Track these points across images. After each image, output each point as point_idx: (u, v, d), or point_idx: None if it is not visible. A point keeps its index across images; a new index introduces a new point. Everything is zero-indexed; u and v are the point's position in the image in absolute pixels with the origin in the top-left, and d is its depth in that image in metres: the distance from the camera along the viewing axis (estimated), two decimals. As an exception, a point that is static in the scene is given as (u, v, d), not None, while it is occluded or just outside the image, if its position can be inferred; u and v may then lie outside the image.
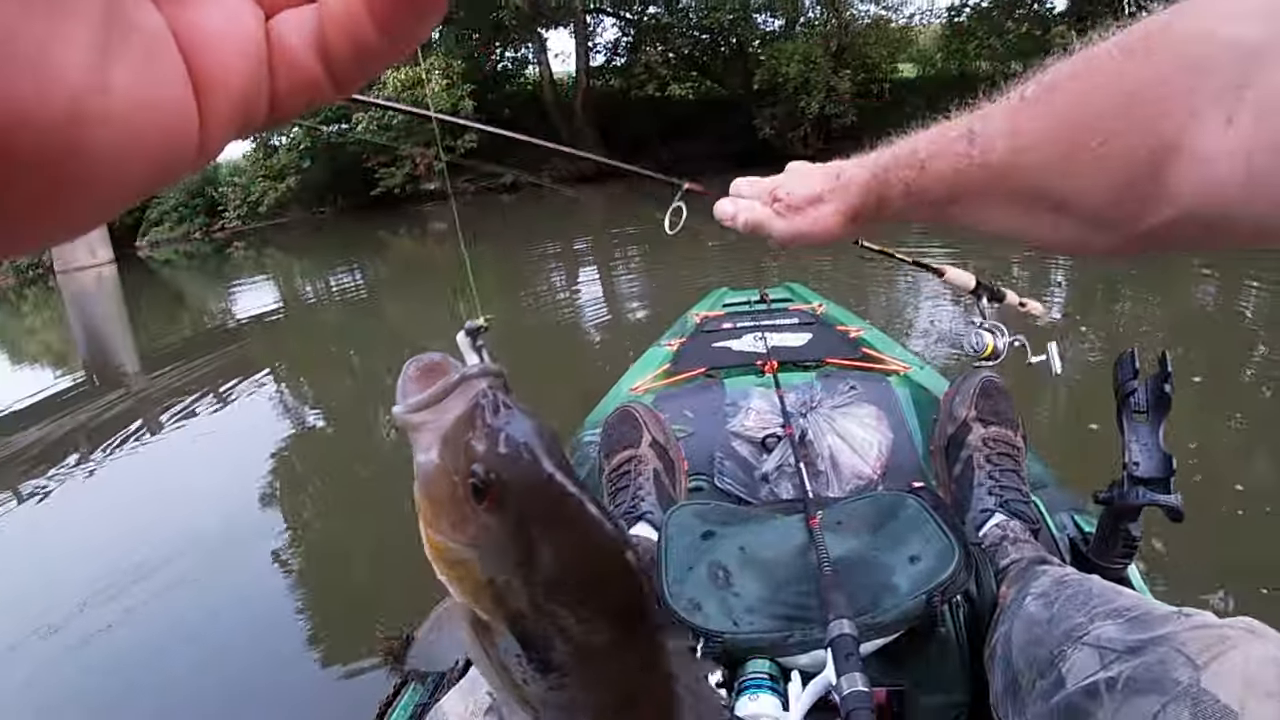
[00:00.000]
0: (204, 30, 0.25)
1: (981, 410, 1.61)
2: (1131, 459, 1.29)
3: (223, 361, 7.93)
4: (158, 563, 3.71)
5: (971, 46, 20.00)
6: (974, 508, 1.51)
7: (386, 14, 0.26)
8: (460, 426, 0.45)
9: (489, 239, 14.60)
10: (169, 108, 0.24)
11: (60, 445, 5.80)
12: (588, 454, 2.03)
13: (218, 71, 0.26)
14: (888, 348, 2.46)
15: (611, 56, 24.22)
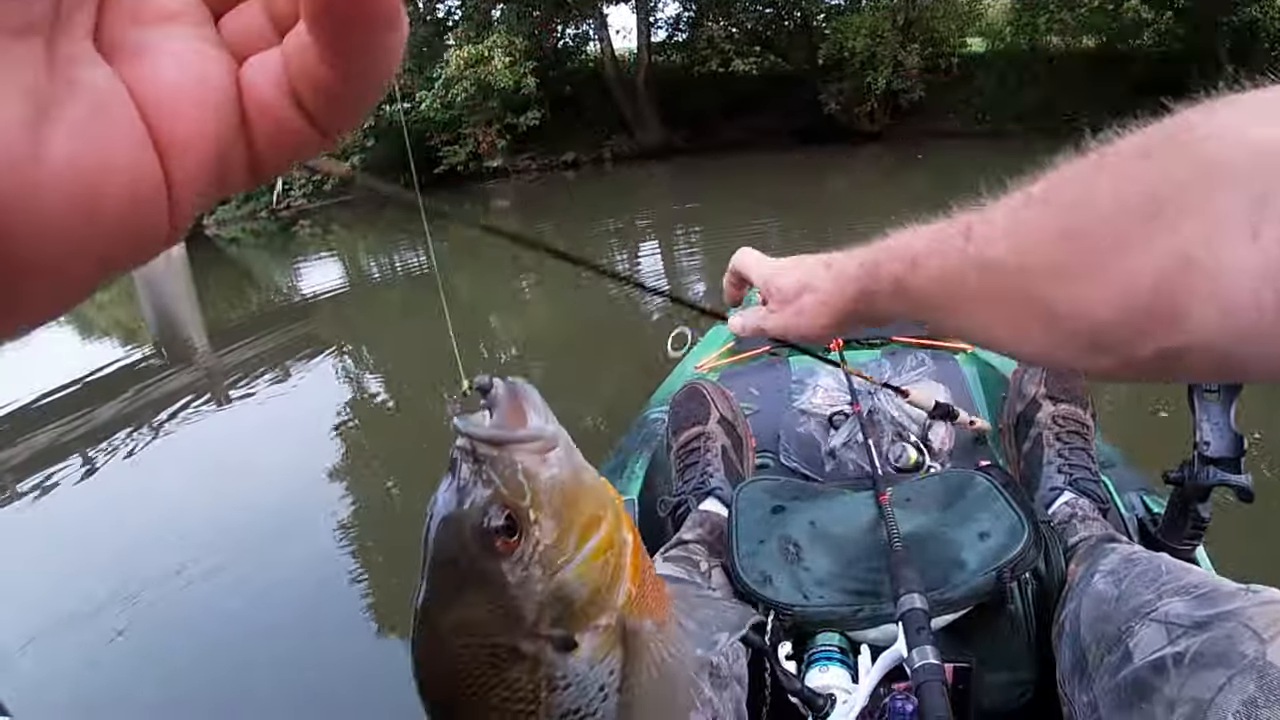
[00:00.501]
0: (164, 84, 0.23)
1: (1051, 388, 1.61)
2: (1203, 438, 1.29)
3: (289, 338, 8.07)
4: (226, 535, 3.82)
5: (1042, 20, 19.48)
6: (1043, 485, 1.51)
7: (332, 52, 0.24)
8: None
9: (552, 215, 14.66)
10: (125, 173, 0.22)
11: (133, 418, 5.94)
12: (655, 430, 2.06)
13: (183, 129, 0.23)
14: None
15: (673, 32, 24.03)
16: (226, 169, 0.25)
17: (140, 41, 0.23)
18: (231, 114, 0.25)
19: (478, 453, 0.49)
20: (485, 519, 0.48)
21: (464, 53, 19.03)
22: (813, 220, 10.53)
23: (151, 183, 0.23)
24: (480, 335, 6.94)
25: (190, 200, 0.24)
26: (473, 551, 0.49)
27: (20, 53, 0.20)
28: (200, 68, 0.24)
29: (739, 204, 12.39)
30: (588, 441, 2.70)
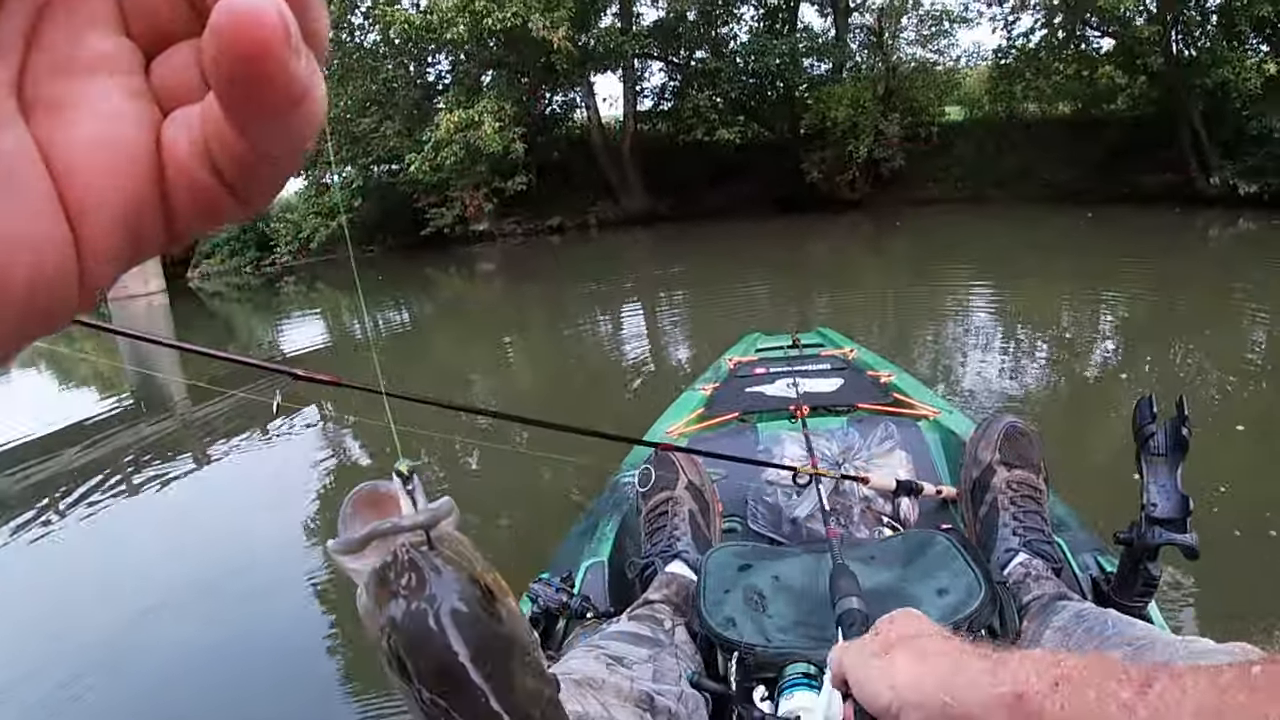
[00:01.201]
0: (78, 144, 0.22)
1: (1005, 454, 1.65)
2: (1150, 500, 1.34)
3: (269, 394, 8.07)
4: (199, 589, 3.80)
5: (1019, 88, 19.93)
6: (999, 547, 1.55)
7: (239, 126, 0.23)
8: (377, 588, 0.44)
9: (537, 278, 14.74)
10: (31, 246, 0.21)
11: (105, 468, 5.91)
12: (626, 494, 2.09)
13: (95, 192, 0.22)
14: (918, 392, 2.50)
15: (659, 101, 24.43)
16: (140, 231, 0.24)
17: (61, 95, 0.23)
18: (148, 175, 0.24)
19: (431, 541, 0.45)
20: (479, 590, 0.45)
21: (454, 116, 19.25)
22: (796, 285, 10.66)
23: (60, 253, 0.22)
24: (461, 390, 6.96)
25: (102, 265, 0.23)
26: (492, 629, 0.45)
27: None
28: (119, 127, 0.23)
29: (723, 269, 12.54)
30: (562, 503, 2.73)
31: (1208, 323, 6.64)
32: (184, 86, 0.24)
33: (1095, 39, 18.99)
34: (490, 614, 0.44)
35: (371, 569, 0.45)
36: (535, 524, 3.79)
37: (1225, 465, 3.71)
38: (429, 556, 0.45)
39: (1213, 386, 5.14)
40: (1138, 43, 16.72)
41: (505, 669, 0.44)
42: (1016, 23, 19.68)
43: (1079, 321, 7.09)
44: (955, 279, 9.62)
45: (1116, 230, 13.62)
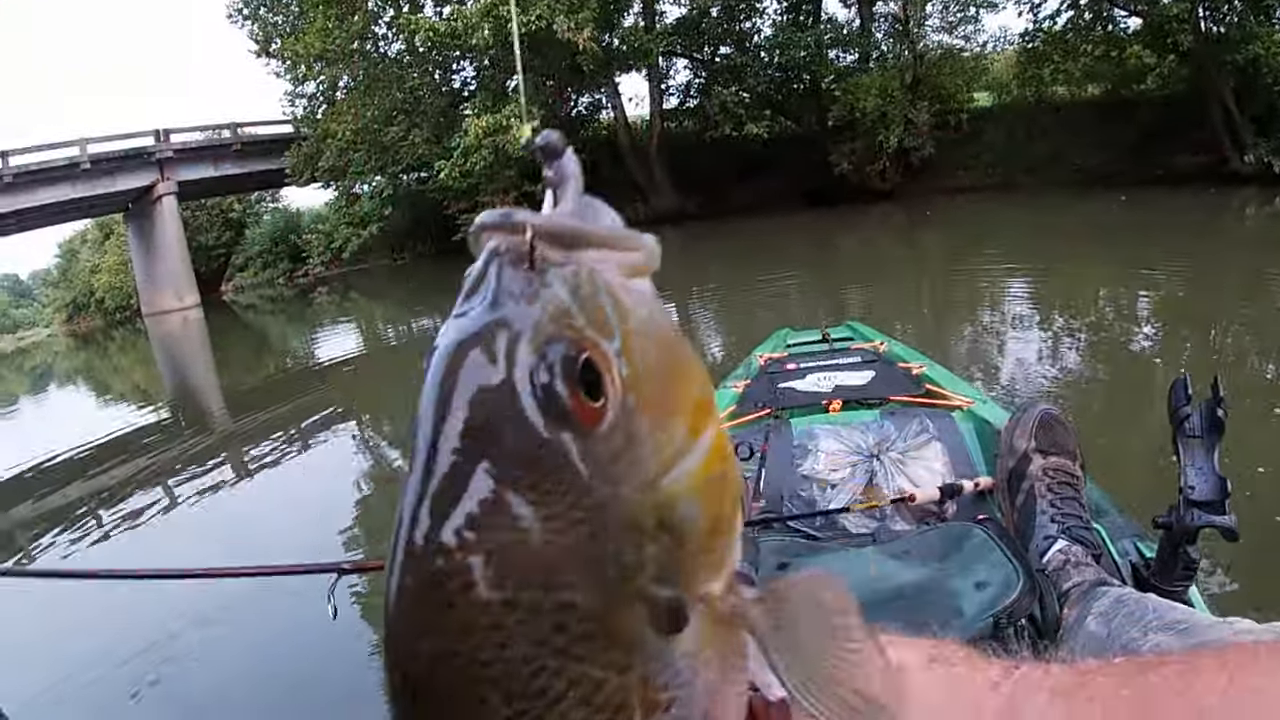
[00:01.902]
0: None
1: (1041, 442, 1.64)
2: (1187, 483, 1.32)
3: (305, 404, 8.13)
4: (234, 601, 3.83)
5: (1047, 71, 19.70)
6: (1037, 535, 1.54)
7: None
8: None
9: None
10: None
11: (147, 481, 5.98)
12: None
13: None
14: (950, 383, 2.47)
15: (684, 98, 24.41)
16: None
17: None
18: None
19: (536, 254, 0.31)
20: (552, 366, 0.29)
21: (482, 122, 19.34)
22: (828, 280, 10.59)
23: None
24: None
25: None
26: (530, 421, 0.29)
27: None
28: None
29: (753, 266, 12.47)
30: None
31: (1246, 303, 6.54)
32: None
33: (1123, 18, 18.76)
34: (547, 406, 0.29)
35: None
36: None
37: (1264, 448, 3.67)
38: (501, 275, 0.32)
39: (1252, 368, 5.07)
40: (1166, 20, 16.44)
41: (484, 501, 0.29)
42: (1043, 5, 19.46)
43: (1114, 307, 7.01)
44: (988, 268, 9.54)
45: (1150, 213, 13.45)
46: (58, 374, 19.98)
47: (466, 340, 0.30)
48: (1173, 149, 17.36)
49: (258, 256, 37.09)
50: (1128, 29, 18.83)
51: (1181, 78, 18.13)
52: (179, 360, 15.37)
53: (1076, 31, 19.12)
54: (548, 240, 0.31)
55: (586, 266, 0.31)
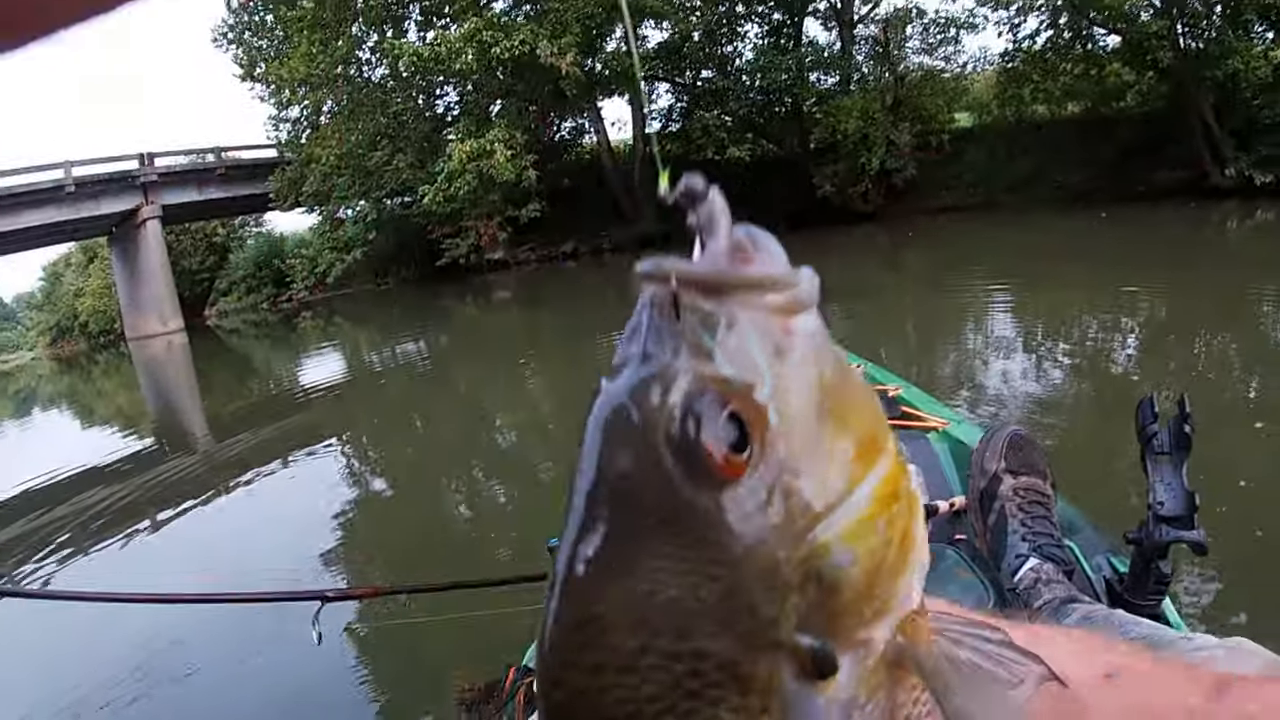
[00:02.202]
0: None
1: (1011, 462, 1.65)
2: (1156, 499, 1.34)
3: (290, 429, 8.10)
4: (213, 630, 3.80)
5: (1027, 90, 19.88)
6: (1009, 554, 1.55)
7: None
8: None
9: (552, 304, 14.79)
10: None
11: (131, 506, 5.95)
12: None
13: None
14: (926, 404, 2.49)
15: (667, 122, 24.50)
16: None
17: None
18: None
19: (683, 305, 0.31)
20: (694, 419, 0.29)
21: (466, 147, 19.42)
22: (832, 300, 10.59)
23: None
24: (484, 420, 6.99)
25: None
26: (669, 477, 0.30)
27: None
28: None
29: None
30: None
31: (1228, 318, 6.60)
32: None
33: (1101, 37, 18.97)
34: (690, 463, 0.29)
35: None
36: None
37: (1245, 463, 3.69)
38: (653, 329, 0.32)
39: (1233, 383, 5.10)
40: (1145, 38, 16.63)
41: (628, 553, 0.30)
42: (1022, 25, 19.67)
43: (1094, 324, 7.06)
44: (969, 288, 9.59)
45: (1131, 229, 13.56)
46: (41, 398, 19.87)
47: (613, 395, 0.31)
48: (1153, 165, 17.52)
49: (242, 281, 37.10)
50: (1107, 47, 19.04)
51: (1161, 94, 18.33)
52: (163, 385, 15.32)
53: (1056, 50, 19.32)
54: (693, 288, 0.31)
55: (733, 312, 0.31)
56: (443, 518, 5.07)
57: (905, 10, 21.60)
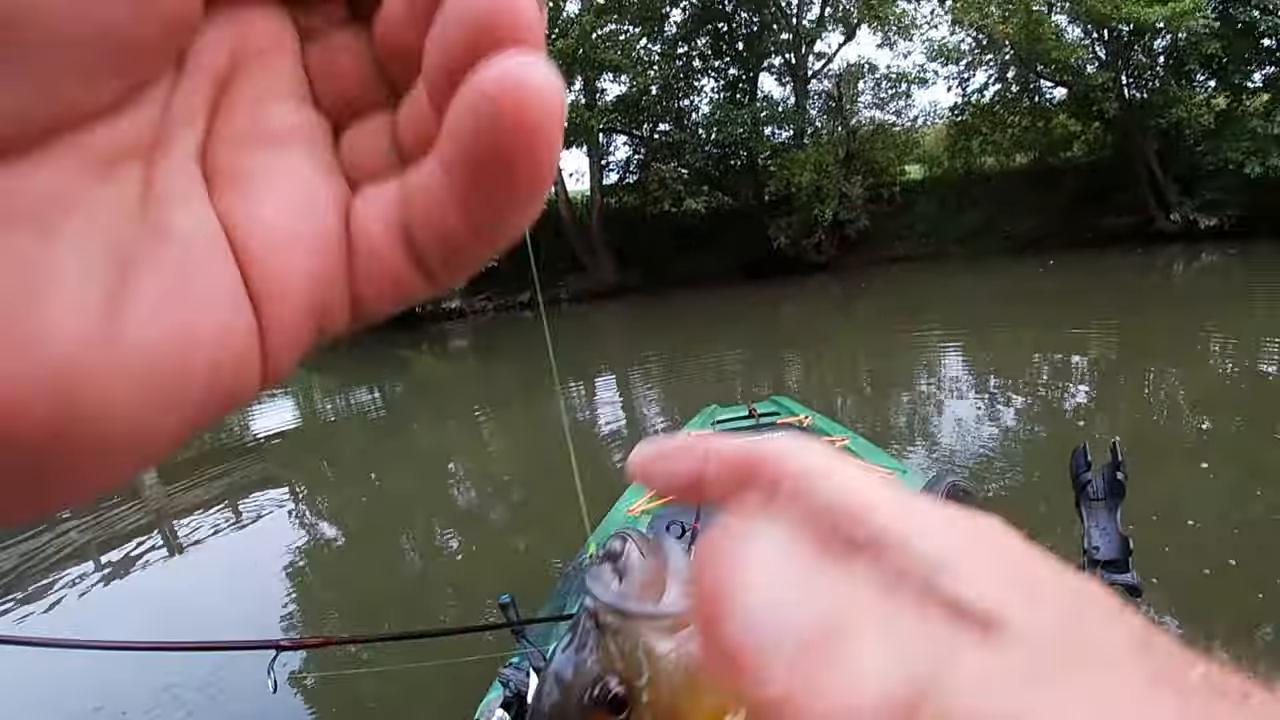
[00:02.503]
0: (266, 223, 0.21)
1: None
2: (1091, 543, 1.37)
3: (240, 477, 7.97)
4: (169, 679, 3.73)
5: (976, 143, 20.37)
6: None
7: (466, 207, 0.21)
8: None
9: (509, 354, 14.76)
10: (213, 341, 0.19)
11: (76, 554, 5.80)
12: (592, 571, 2.11)
13: (282, 276, 0.21)
14: (873, 455, 2.53)
15: (624, 174, 24.63)
16: (327, 315, 0.22)
17: (246, 167, 0.21)
18: (337, 258, 0.22)
19: (599, 619, 0.45)
20: (594, 689, 0.44)
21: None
22: (764, 352, 10.68)
23: (243, 343, 0.20)
24: (438, 470, 6.94)
25: (286, 353, 0.22)
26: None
27: (108, 195, 0.18)
28: (308, 204, 0.22)
29: (692, 339, 12.58)
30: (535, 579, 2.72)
31: (1175, 359, 6.75)
32: (376, 163, 0.23)
33: (1048, 89, 19.51)
34: (587, 715, 0.44)
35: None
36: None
37: (1192, 502, 3.76)
38: (585, 627, 0.46)
39: (1180, 423, 5.20)
40: (1091, 89, 17.15)
41: None
42: (971, 79, 20.17)
43: (1043, 370, 7.17)
44: (919, 337, 9.72)
45: (1079, 276, 13.84)
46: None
47: (558, 666, 0.47)
48: (1100, 212, 17.96)
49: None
50: (1054, 99, 19.57)
51: (1107, 143, 18.86)
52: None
53: (1004, 104, 19.87)
54: (608, 612, 0.44)
55: (632, 628, 0.43)
56: (395, 567, 5.03)
57: (858, 66, 22.03)
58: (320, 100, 0.24)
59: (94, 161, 0.18)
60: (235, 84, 0.22)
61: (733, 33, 23.10)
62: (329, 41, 0.24)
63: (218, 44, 0.21)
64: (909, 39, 21.00)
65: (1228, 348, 7.03)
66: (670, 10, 22.87)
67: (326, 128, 0.24)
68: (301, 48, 0.24)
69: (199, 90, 0.21)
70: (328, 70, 0.24)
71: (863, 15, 20.60)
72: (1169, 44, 17.13)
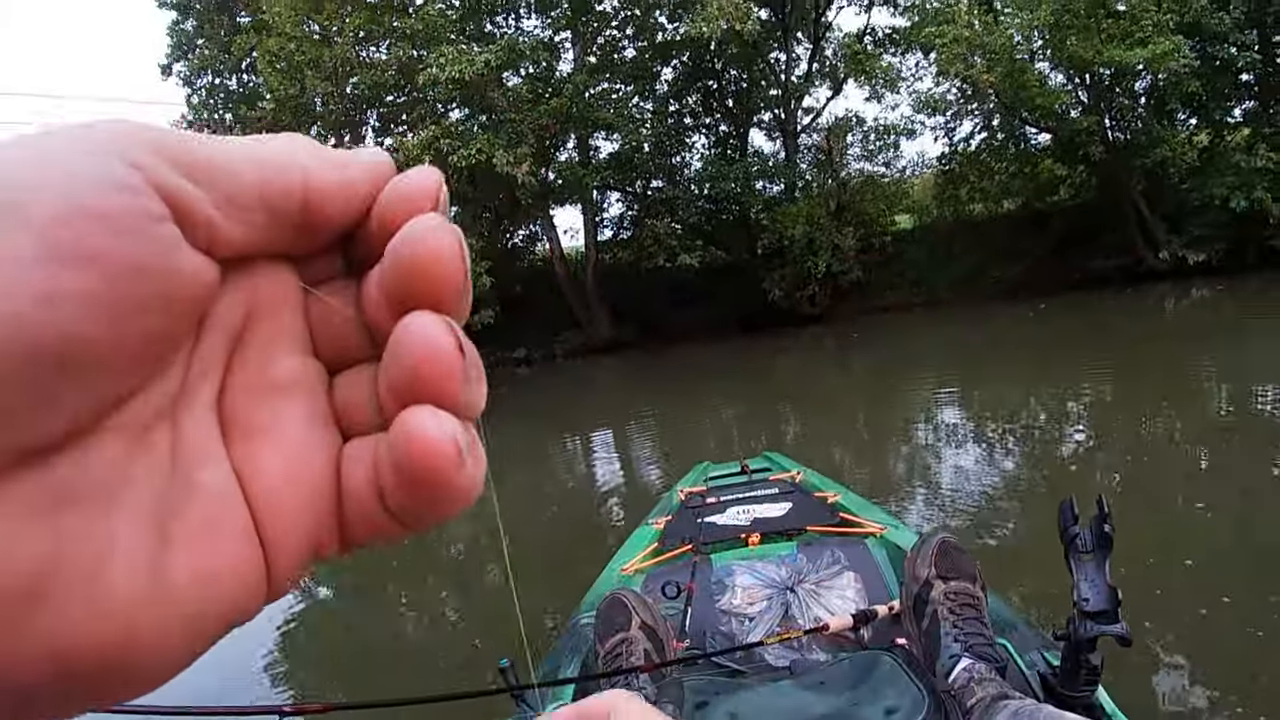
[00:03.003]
0: (274, 476, 0.24)
1: (941, 568, 1.71)
2: (1081, 596, 1.41)
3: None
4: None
5: (964, 191, 20.62)
6: (943, 655, 1.59)
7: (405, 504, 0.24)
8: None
9: (505, 411, 14.73)
10: (232, 576, 0.23)
11: None
12: (585, 635, 2.11)
13: (287, 523, 0.24)
14: (863, 510, 2.56)
15: (618, 230, 24.85)
16: (319, 548, 0.25)
17: (256, 418, 0.25)
18: (330, 504, 0.25)
19: None
20: None
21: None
22: (760, 406, 10.67)
23: (254, 576, 0.23)
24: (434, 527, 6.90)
25: (287, 578, 0.25)
26: None
27: (147, 464, 0.21)
28: (309, 457, 0.25)
29: (687, 394, 12.56)
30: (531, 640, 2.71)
31: (1169, 397, 6.77)
32: (362, 413, 0.26)
33: (1034, 135, 19.75)
34: None
35: None
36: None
37: (1188, 543, 3.76)
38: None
39: (1175, 463, 5.20)
40: (1076, 134, 17.40)
41: None
42: (957, 129, 20.42)
43: (1036, 416, 7.20)
44: (912, 387, 9.75)
45: (1070, 318, 13.91)
46: None
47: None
48: (1089, 253, 18.13)
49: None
50: (1039, 144, 19.80)
51: (1092, 186, 19.11)
52: None
53: (990, 151, 20.09)
54: None
55: None
56: (394, 629, 5.00)
57: (846, 119, 22.33)
58: (318, 348, 0.27)
59: (134, 434, 0.21)
60: (246, 337, 0.25)
61: (723, 90, 23.50)
62: (326, 292, 0.27)
63: (233, 302, 0.24)
64: (896, 91, 21.34)
65: (1222, 383, 7.07)
66: (661, 69, 23.24)
67: (324, 375, 0.27)
68: (303, 298, 0.27)
69: (216, 345, 0.24)
70: (324, 320, 0.27)
71: (850, 70, 20.91)
72: (1150, 85, 17.47)
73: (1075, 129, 17.39)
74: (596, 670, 1.88)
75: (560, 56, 22.16)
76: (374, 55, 21.03)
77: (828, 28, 22.82)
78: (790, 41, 22.39)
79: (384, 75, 20.38)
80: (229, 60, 26.85)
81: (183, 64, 28.98)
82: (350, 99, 21.56)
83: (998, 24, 17.44)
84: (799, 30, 22.68)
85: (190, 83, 29.20)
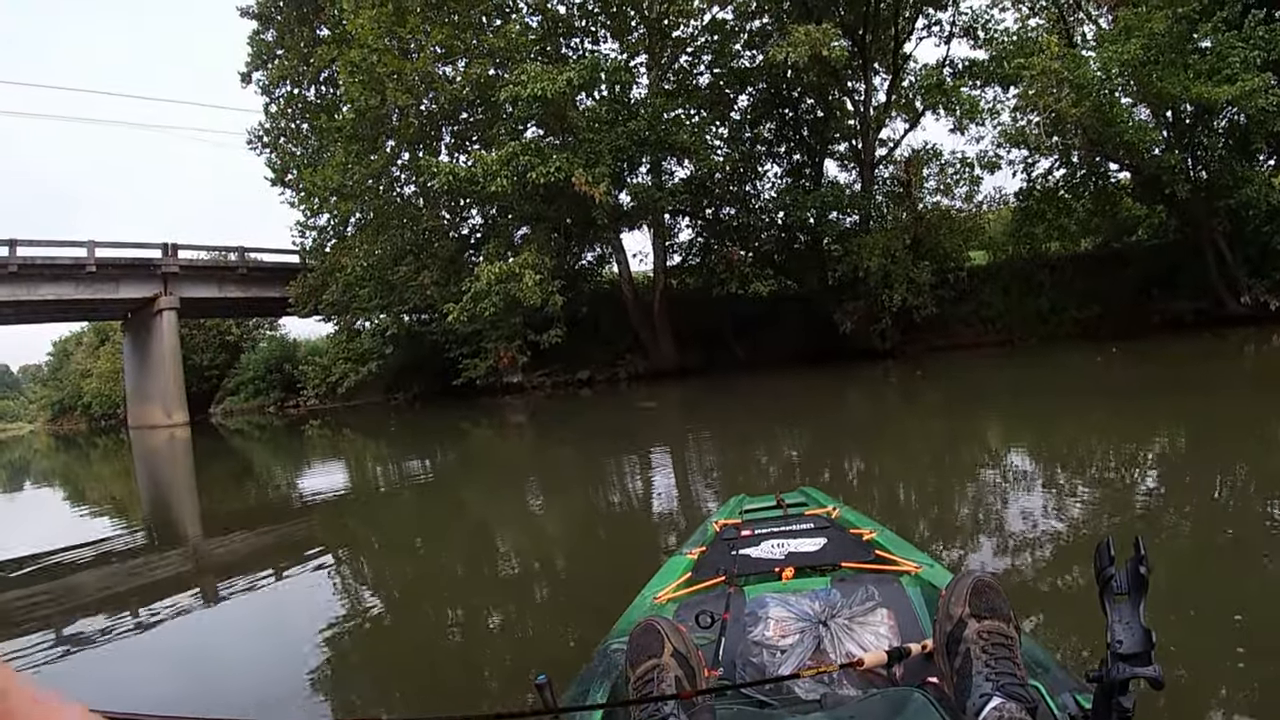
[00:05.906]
0: None
1: (975, 607, 1.70)
2: (1115, 638, 1.38)
3: (284, 536, 7.95)
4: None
5: (1041, 229, 20.20)
6: (974, 694, 1.57)
7: None
8: None
9: (567, 430, 14.79)
10: None
11: (112, 600, 5.77)
12: (615, 661, 2.12)
13: None
14: (900, 548, 2.54)
15: (686, 256, 24.97)
16: None
17: None
18: None
19: None
20: None
21: (495, 268, 19.77)
22: (827, 439, 10.55)
23: None
24: (478, 545, 6.93)
25: None
26: None
27: None
28: None
29: (752, 423, 12.50)
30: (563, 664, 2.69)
31: (1244, 445, 6.55)
32: None
33: (1114, 173, 19.36)
34: None
35: None
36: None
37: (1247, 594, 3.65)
38: None
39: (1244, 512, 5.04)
40: (1161, 171, 16.96)
41: None
42: (1036, 164, 20.07)
43: (1099, 461, 7.00)
44: (974, 428, 9.55)
45: (1144, 363, 13.57)
46: (34, 472, 20.07)
47: None
48: (1168, 296, 17.79)
49: (251, 382, 37.50)
50: (1119, 183, 19.40)
51: (1173, 227, 18.64)
52: (160, 477, 15.19)
53: (1070, 188, 19.70)
54: None
55: None
56: (434, 642, 4.97)
57: (925, 151, 22.19)
58: None
59: None
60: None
61: (798, 119, 23.57)
62: None
63: None
64: (981, 124, 20.91)
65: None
66: (737, 96, 23.32)
67: None
68: None
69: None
70: None
71: (930, 101, 20.72)
72: (1230, 123, 17.04)
73: (1161, 166, 16.99)
74: (626, 696, 1.89)
75: (635, 80, 22.37)
76: (450, 72, 21.40)
77: (907, 59, 22.73)
78: (869, 72, 22.28)
79: (462, 91, 20.73)
80: (308, 71, 27.62)
81: (261, 73, 29.94)
82: (426, 114, 21.94)
83: (1080, 57, 17.19)
84: (877, 61, 22.65)
85: (269, 91, 30.15)
